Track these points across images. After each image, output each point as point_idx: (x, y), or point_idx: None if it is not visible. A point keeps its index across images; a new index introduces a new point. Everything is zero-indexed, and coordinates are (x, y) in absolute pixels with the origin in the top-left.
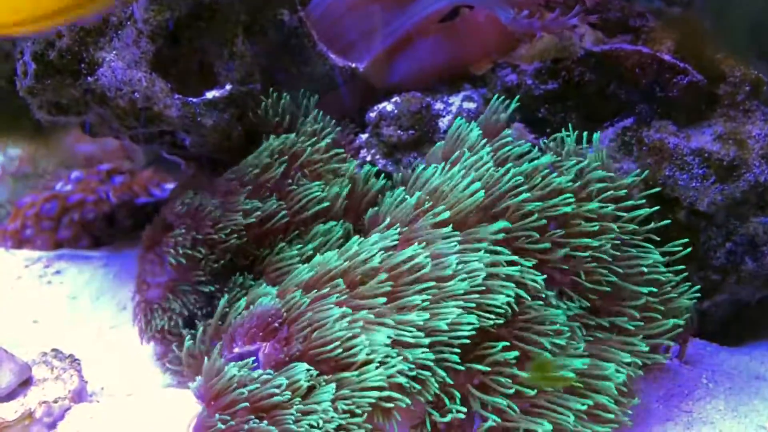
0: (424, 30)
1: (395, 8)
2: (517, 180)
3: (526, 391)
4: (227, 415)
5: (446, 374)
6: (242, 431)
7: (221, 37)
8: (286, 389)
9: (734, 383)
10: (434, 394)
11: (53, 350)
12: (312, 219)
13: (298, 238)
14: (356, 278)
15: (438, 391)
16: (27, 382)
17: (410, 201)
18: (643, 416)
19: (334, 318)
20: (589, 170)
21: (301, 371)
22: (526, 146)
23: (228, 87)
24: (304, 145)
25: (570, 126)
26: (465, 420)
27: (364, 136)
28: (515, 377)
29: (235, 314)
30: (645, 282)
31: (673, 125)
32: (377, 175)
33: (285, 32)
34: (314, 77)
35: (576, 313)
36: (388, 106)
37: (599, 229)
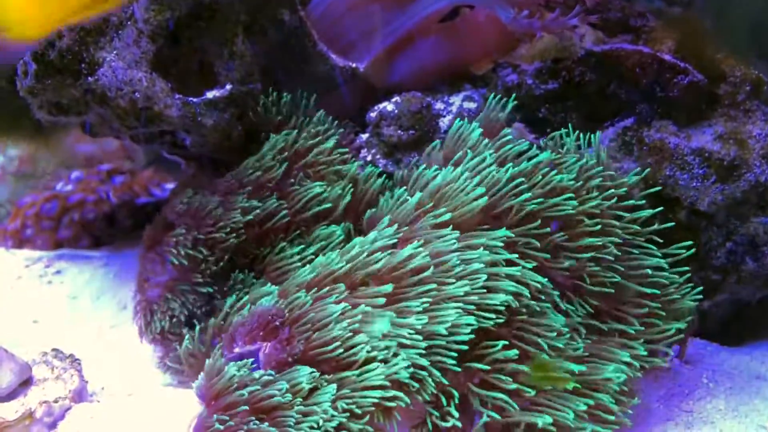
0: (425, 30)
1: (395, 8)
2: (519, 180)
3: (527, 390)
4: (227, 416)
5: (443, 375)
6: (241, 430)
7: (221, 37)
8: (288, 392)
9: (735, 383)
10: (433, 394)
11: (53, 350)
12: (313, 219)
13: (300, 238)
14: (357, 280)
15: (435, 391)
16: (27, 382)
17: (411, 201)
18: (644, 416)
19: (335, 318)
20: (589, 168)
21: (304, 375)
22: (525, 144)
23: (228, 87)
24: (307, 143)
25: (570, 126)
26: (465, 419)
27: (365, 136)
28: (516, 374)
29: (236, 312)
30: (647, 285)
31: (674, 125)
32: (377, 175)
33: (285, 32)
34: (314, 77)
35: (577, 316)
36: (389, 106)
37: (601, 229)
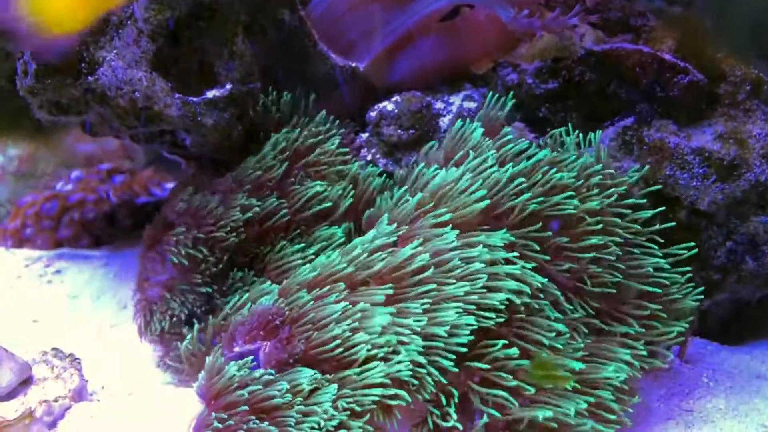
0: (425, 29)
1: (395, 7)
2: (520, 180)
3: (527, 388)
4: (227, 415)
5: (443, 374)
6: (241, 431)
7: (221, 37)
8: (288, 392)
9: (735, 382)
10: (433, 393)
11: (53, 349)
12: (314, 218)
13: (300, 237)
14: (358, 280)
15: (434, 390)
16: (27, 381)
17: (411, 201)
18: (644, 415)
19: (336, 317)
20: (589, 166)
21: (305, 376)
22: (525, 144)
23: (228, 86)
24: (308, 142)
25: (570, 125)
26: (466, 417)
27: (365, 136)
28: (516, 372)
29: (236, 311)
30: (648, 285)
31: (674, 124)
32: (377, 175)
33: (285, 32)
34: (315, 76)
35: (578, 317)
36: (389, 106)
37: (603, 228)
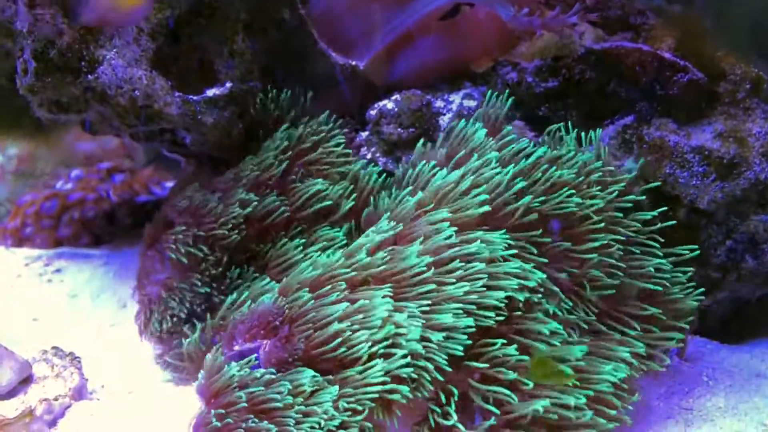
0: (425, 28)
1: (396, 6)
2: (520, 182)
3: (525, 382)
4: (226, 414)
5: (440, 372)
6: (240, 429)
7: (221, 35)
8: (289, 393)
9: (734, 381)
10: (433, 391)
11: (53, 348)
12: (314, 217)
13: (301, 235)
14: (359, 280)
15: (432, 387)
16: (27, 380)
17: (412, 201)
18: (644, 413)
19: (336, 316)
20: (589, 163)
21: (307, 377)
22: (526, 143)
23: (228, 85)
24: (309, 140)
25: (570, 124)
26: (466, 417)
27: (365, 134)
28: (515, 368)
29: (236, 309)
30: (649, 285)
31: (674, 123)
32: (377, 174)
33: (285, 30)
34: (315, 75)
35: (578, 317)
36: (389, 104)
37: (604, 227)
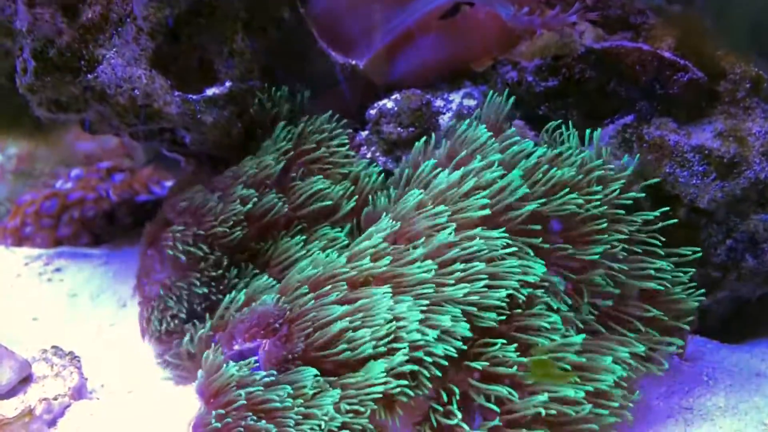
0: (425, 27)
1: (396, 5)
2: (524, 191)
3: (525, 376)
4: (225, 414)
5: (442, 373)
6: (239, 428)
7: (221, 34)
8: (290, 396)
9: (735, 380)
10: (434, 390)
11: (53, 347)
12: (315, 216)
13: (301, 234)
14: (359, 280)
15: (431, 385)
16: (27, 379)
17: (412, 201)
18: (644, 413)
19: (337, 316)
20: (590, 161)
21: (309, 378)
22: (529, 143)
23: (228, 84)
24: (309, 139)
25: (570, 123)
26: (466, 416)
27: (365, 134)
28: (516, 367)
29: (235, 308)
30: (651, 285)
31: (674, 122)
32: (377, 173)
33: (285, 29)
34: (314, 74)
35: (577, 317)
36: (389, 103)
37: (606, 229)
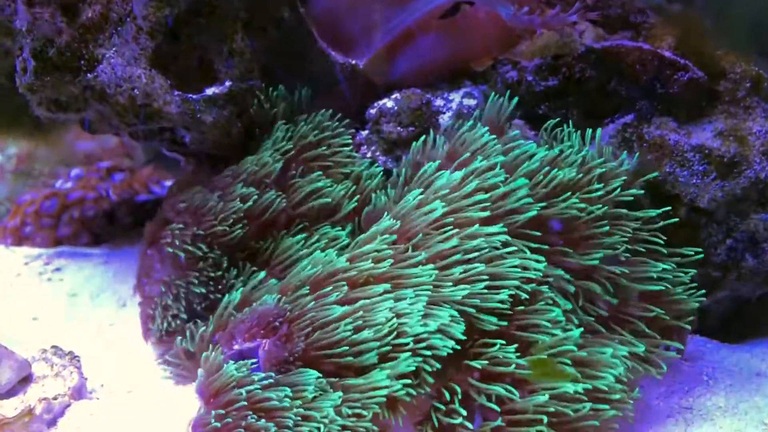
0: (425, 26)
1: (396, 5)
2: (526, 194)
3: (525, 375)
4: (225, 414)
5: (442, 371)
6: (239, 428)
7: (221, 34)
8: (289, 397)
9: (735, 380)
10: (435, 389)
11: (53, 347)
12: (316, 215)
13: (303, 233)
14: (360, 281)
15: (432, 381)
16: (27, 379)
17: (412, 202)
18: (644, 412)
19: (337, 316)
20: (591, 159)
21: (310, 380)
22: (531, 145)
23: (227, 84)
24: (308, 138)
25: (570, 122)
26: (466, 415)
27: (364, 133)
28: (516, 366)
29: (234, 307)
30: (652, 285)
31: (674, 122)
32: (378, 173)
33: (285, 29)
34: (314, 74)
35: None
36: (388, 103)
37: (608, 232)
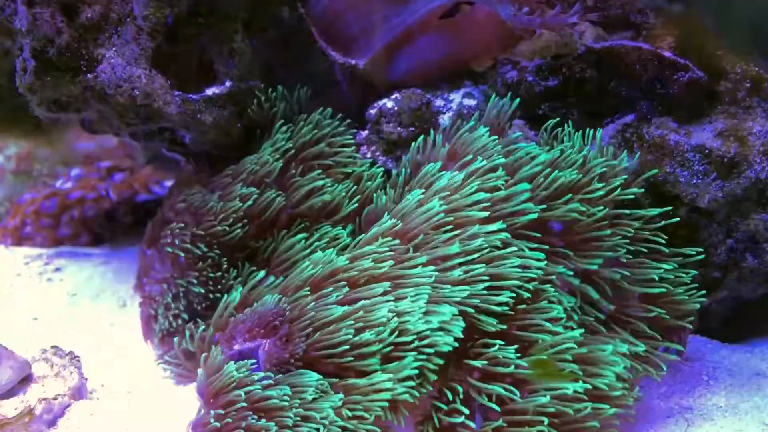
0: (425, 26)
1: (396, 4)
2: (526, 198)
3: (525, 373)
4: (225, 414)
5: (442, 370)
6: (239, 429)
7: (220, 34)
8: (288, 395)
9: (735, 380)
10: (436, 389)
11: (53, 347)
12: (316, 215)
13: (303, 232)
14: (360, 281)
15: (435, 378)
16: (27, 379)
17: (413, 202)
18: (644, 412)
19: (338, 316)
20: (592, 158)
21: (311, 382)
22: (533, 147)
23: (227, 84)
24: (309, 135)
25: (570, 122)
26: (468, 415)
27: (364, 133)
28: (516, 365)
29: (233, 307)
30: (653, 286)
31: (674, 122)
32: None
33: (285, 29)
34: (314, 74)
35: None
36: (389, 103)
37: (609, 236)
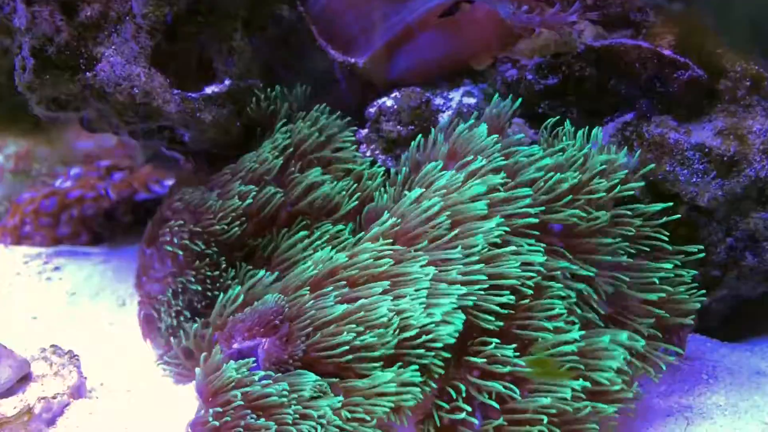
0: (425, 25)
1: (395, 2)
2: (526, 201)
3: (524, 371)
4: (224, 413)
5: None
6: (238, 428)
7: (220, 33)
8: (287, 395)
9: (735, 379)
10: (437, 388)
11: (52, 346)
12: (317, 213)
13: (304, 230)
14: (360, 280)
15: (439, 374)
16: (26, 378)
17: (413, 202)
18: (643, 411)
19: (337, 316)
20: (591, 158)
21: (310, 382)
22: (535, 149)
23: (227, 82)
24: (303, 133)
25: (569, 121)
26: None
27: (364, 132)
28: (516, 364)
29: (234, 306)
30: (653, 287)
31: (674, 120)
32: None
33: (284, 27)
34: (314, 72)
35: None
36: (388, 102)
37: (609, 232)
